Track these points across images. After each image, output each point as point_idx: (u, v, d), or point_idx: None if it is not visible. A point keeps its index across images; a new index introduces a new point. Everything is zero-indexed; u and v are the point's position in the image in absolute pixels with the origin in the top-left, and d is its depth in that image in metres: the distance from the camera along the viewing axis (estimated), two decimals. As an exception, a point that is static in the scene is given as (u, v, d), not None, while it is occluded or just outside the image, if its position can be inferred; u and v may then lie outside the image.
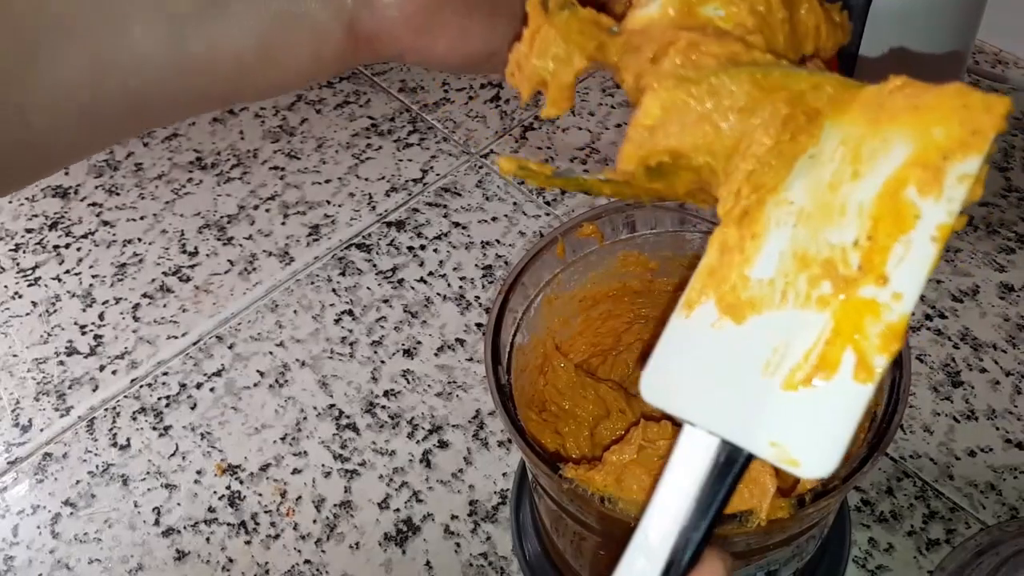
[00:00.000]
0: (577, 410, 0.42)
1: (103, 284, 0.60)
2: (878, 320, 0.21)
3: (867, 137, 0.23)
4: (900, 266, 0.21)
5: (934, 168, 0.21)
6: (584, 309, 0.42)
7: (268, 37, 0.26)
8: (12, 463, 0.51)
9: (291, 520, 0.48)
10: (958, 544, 0.44)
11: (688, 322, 0.24)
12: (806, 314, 0.22)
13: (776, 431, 0.22)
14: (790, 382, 0.22)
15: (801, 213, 0.23)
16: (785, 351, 0.22)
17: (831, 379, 0.21)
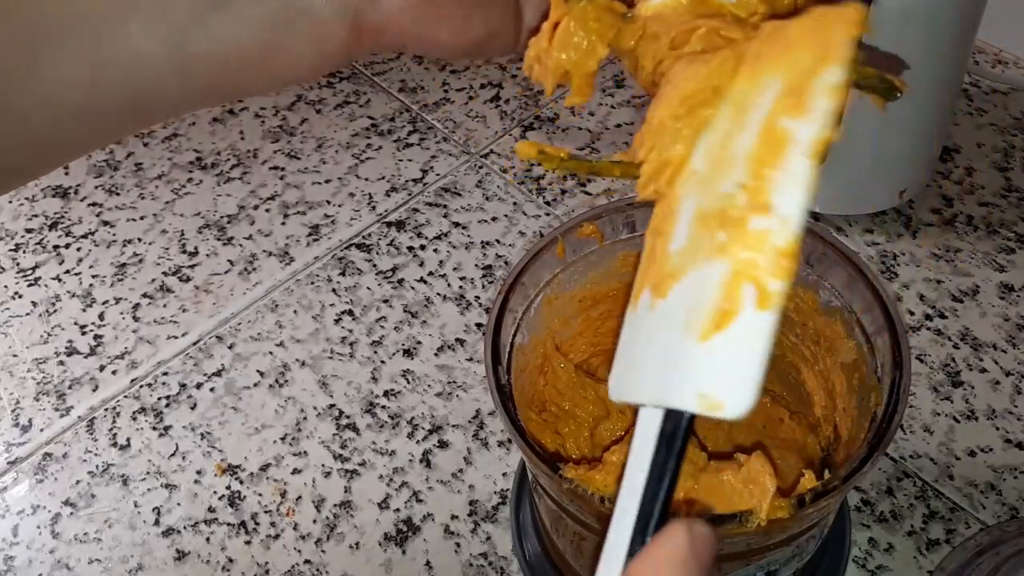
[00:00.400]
0: (577, 410, 0.42)
1: (103, 284, 0.60)
2: (767, 246, 0.22)
3: (748, 89, 0.23)
4: (780, 189, 0.22)
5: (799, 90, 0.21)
6: (584, 309, 0.42)
7: (270, 34, 0.26)
8: (12, 463, 0.51)
9: (291, 520, 0.48)
10: (958, 544, 0.44)
11: (634, 315, 0.25)
12: (711, 266, 0.23)
13: (700, 382, 0.22)
14: (704, 333, 0.22)
15: (702, 178, 0.24)
16: (698, 306, 0.23)
17: (737, 316, 0.22)
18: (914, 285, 0.55)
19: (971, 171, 0.61)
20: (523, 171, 0.64)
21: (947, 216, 0.58)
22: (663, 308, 0.24)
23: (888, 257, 0.56)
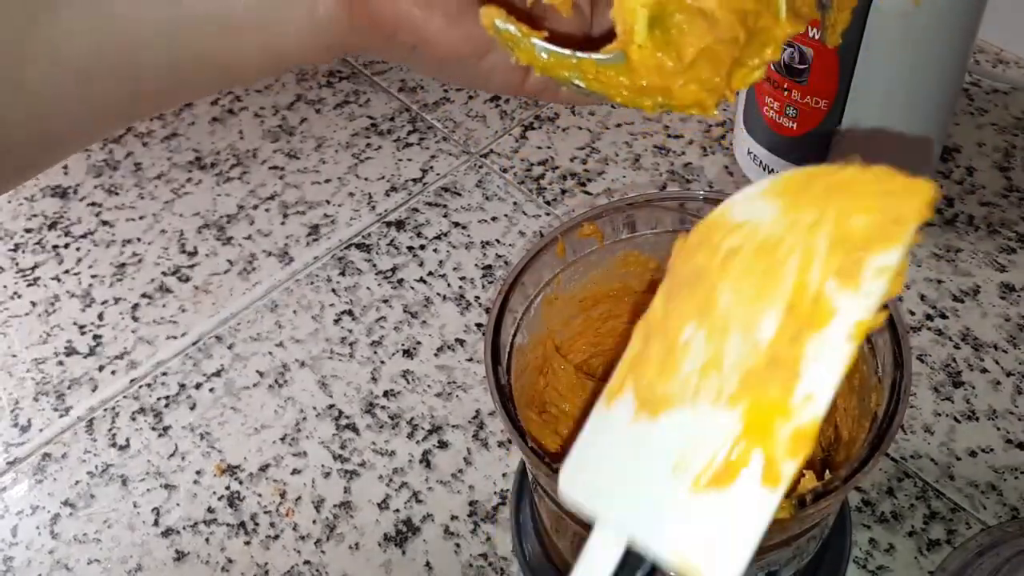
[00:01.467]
0: (578, 412, 0.42)
1: (102, 284, 0.60)
2: (788, 422, 0.20)
3: (787, 222, 0.21)
4: (813, 365, 0.20)
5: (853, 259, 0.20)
6: (584, 309, 0.42)
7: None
8: (11, 463, 0.51)
9: (290, 520, 0.48)
10: (959, 544, 0.44)
11: (607, 414, 0.23)
12: (717, 412, 0.21)
13: (681, 539, 0.21)
14: (697, 484, 0.21)
15: (725, 309, 0.22)
16: (695, 450, 0.21)
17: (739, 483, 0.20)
18: (915, 285, 0.55)
19: (972, 171, 0.61)
20: (523, 171, 0.64)
21: (948, 216, 0.58)
22: (650, 431, 0.22)
23: (889, 257, 0.56)
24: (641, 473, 0.22)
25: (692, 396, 0.22)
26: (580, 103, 0.32)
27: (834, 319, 0.20)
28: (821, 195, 0.21)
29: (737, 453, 0.20)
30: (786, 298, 0.21)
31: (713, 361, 0.22)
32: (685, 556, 0.20)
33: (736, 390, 0.21)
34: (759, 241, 0.22)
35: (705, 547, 0.20)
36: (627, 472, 0.22)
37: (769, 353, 0.21)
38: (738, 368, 0.21)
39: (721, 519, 0.20)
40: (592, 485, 0.23)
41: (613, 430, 0.23)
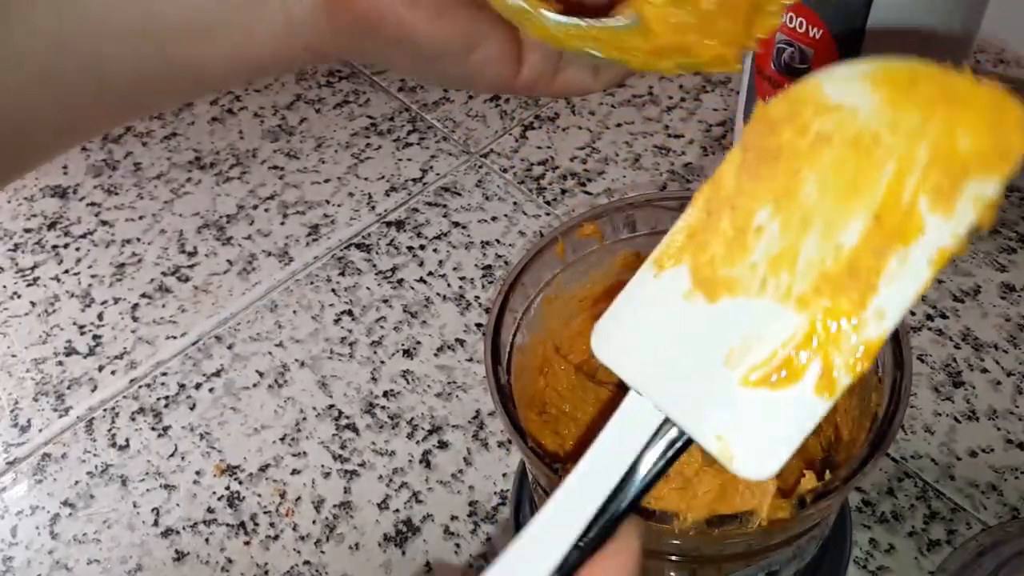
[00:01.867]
0: (578, 413, 0.42)
1: (102, 284, 0.60)
2: (855, 334, 0.20)
3: (888, 120, 0.20)
4: (891, 282, 0.20)
5: (951, 180, 0.19)
6: (584, 309, 0.42)
7: None
8: (11, 464, 0.51)
9: (290, 521, 0.48)
10: (959, 545, 0.44)
11: (656, 282, 0.22)
12: (783, 310, 0.20)
13: (724, 424, 0.21)
14: (748, 379, 0.21)
15: (810, 203, 0.21)
16: (752, 344, 0.21)
17: (792, 386, 0.20)
18: (915, 285, 0.55)
19: (972, 171, 0.61)
20: (523, 171, 0.64)
21: (948, 216, 0.58)
22: (704, 312, 0.22)
23: (889, 257, 0.56)
24: (689, 354, 0.22)
25: (758, 287, 0.21)
26: (576, 93, 0.30)
27: (921, 238, 0.19)
28: (928, 100, 0.20)
29: (798, 356, 0.20)
30: (876, 204, 0.20)
31: (787, 254, 0.21)
32: (726, 444, 0.20)
33: (808, 291, 0.20)
34: (855, 132, 0.20)
35: (747, 440, 0.20)
36: (673, 349, 0.22)
37: (850, 260, 0.20)
38: (813, 268, 0.20)
39: (768, 416, 0.20)
40: (631, 352, 0.22)
41: (661, 302, 0.22)
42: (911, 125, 0.20)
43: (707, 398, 0.21)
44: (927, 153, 0.19)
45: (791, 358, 0.20)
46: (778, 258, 0.21)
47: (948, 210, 0.19)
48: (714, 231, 0.22)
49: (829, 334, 0.20)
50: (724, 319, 0.21)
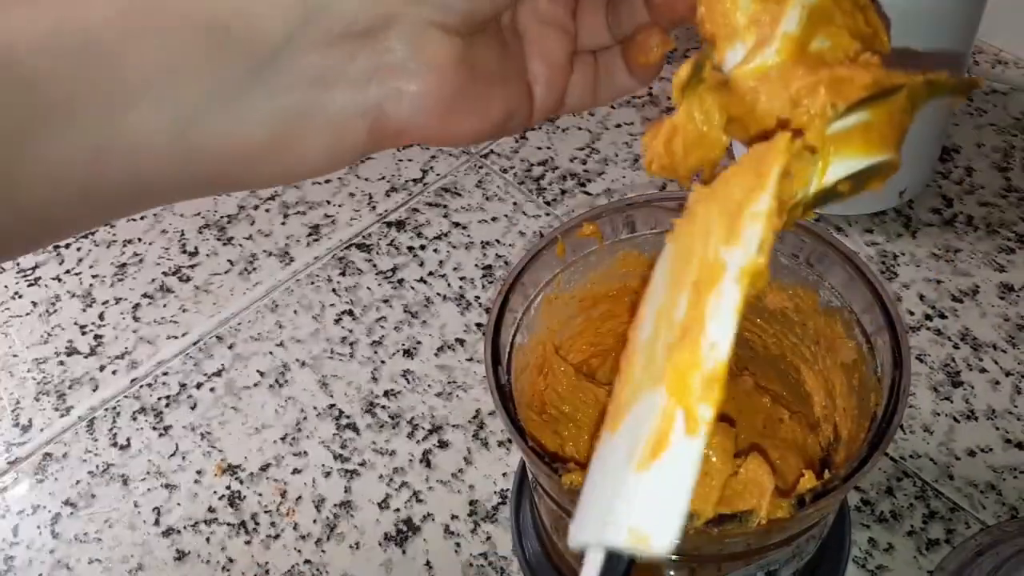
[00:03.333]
0: (577, 414, 0.42)
1: (103, 284, 0.60)
2: (699, 371, 0.21)
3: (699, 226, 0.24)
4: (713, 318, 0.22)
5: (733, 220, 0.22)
6: (584, 309, 0.42)
7: (282, 128, 0.25)
8: (12, 463, 0.51)
9: (291, 520, 0.48)
10: (958, 544, 0.44)
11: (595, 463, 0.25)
12: (652, 396, 0.23)
13: (632, 515, 0.21)
14: (642, 463, 0.22)
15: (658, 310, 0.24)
16: (639, 437, 0.22)
17: (669, 444, 0.21)
18: (914, 285, 0.55)
19: (971, 171, 0.61)
20: (523, 171, 0.64)
21: (947, 216, 0.58)
22: (614, 443, 0.24)
23: (888, 257, 0.56)
24: (611, 483, 0.23)
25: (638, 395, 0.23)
26: (579, 110, 0.32)
27: (724, 273, 0.22)
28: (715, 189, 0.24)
29: (664, 419, 0.22)
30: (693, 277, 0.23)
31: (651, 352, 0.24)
32: (635, 531, 0.21)
33: (662, 368, 0.22)
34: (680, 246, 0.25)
35: (648, 514, 0.21)
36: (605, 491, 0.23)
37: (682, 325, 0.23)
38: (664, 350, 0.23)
39: (659, 484, 0.22)
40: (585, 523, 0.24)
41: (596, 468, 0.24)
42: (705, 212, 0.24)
43: (620, 504, 0.22)
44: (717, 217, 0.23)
45: (661, 425, 0.22)
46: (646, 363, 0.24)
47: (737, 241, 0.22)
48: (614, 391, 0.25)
49: (680, 387, 0.22)
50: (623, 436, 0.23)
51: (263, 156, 0.25)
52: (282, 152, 0.26)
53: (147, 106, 0.23)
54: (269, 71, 0.24)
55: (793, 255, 0.38)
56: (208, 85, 0.24)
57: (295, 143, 0.26)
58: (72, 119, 0.23)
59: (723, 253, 0.22)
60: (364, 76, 0.25)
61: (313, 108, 0.25)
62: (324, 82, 0.25)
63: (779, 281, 0.40)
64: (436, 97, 0.26)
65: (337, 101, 0.25)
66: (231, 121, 0.24)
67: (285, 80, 0.24)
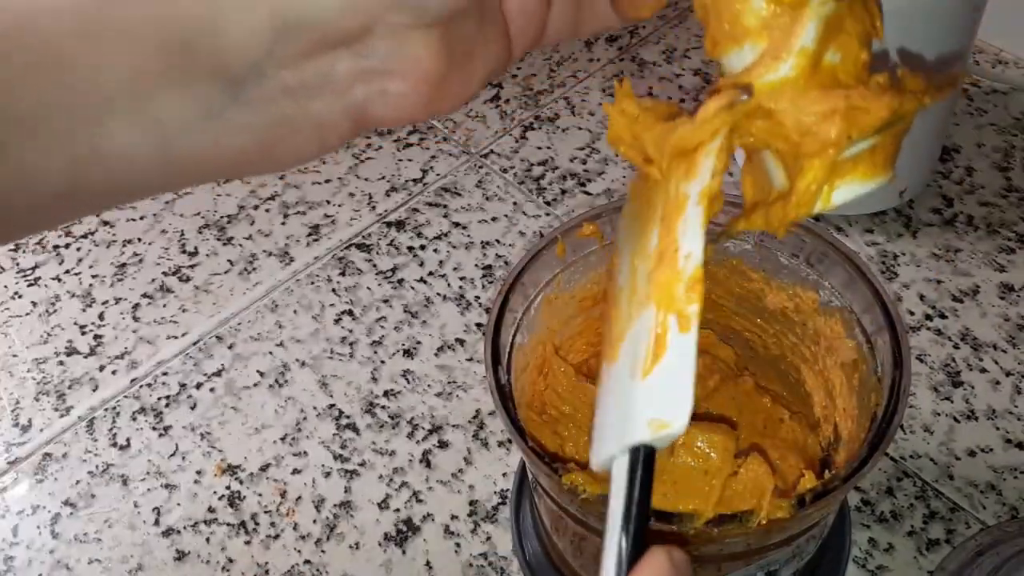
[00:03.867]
0: (577, 415, 0.42)
1: (103, 284, 0.60)
2: (680, 280, 0.25)
3: (665, 182, 0.27)
4: (684, 235, 0.25)
5: (687, 159, 0.26)
6: (584, 309, 0.42)
7: (267, 138, 0.25)
8: (12, 463, 0.51)
9: (291, 520, 0.48)
10: (958, 544, 0.44)
11: (602, 393, 0.28)
12: (643, 317, 0.26)
13: (648, 411, 0.25)
14: (646, 370, 0.25)
15: (632, 255, 0.28)
16: (638, 353, 0.26)
17: (667, 344, 0.25)
18: (914, 285, 0.55)
19: (971, 171, 0.61)
20: (523, 171, 0.64)
21: (947, 216, 0.58)
22: (616, 370, 0.27)
23: (888, 257, 0.56)
24: (619, 400, 0.26)
25: (629, 322, 0.27)
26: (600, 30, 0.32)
27: (688, 200, 0.25)
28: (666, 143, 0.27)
29: (658, 328, 0.25)
30: (659, 215, 0.26)
31: (632, 287, 0.27)
32: (654, 422, 0.24)
33: (648, 291, 0.26)
34: (639, 201, 0.29)
35: (663, 404, 0.25)
36: (615, 410, 0.27)
37: (657, 252, 0.26)
38: (645, 277, 0.26)
39: (665, 377, 0.25)
40: (601, 444, 0.27)
41: (602, 399, 0.28)
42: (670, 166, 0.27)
43: (634, 410, 0.25)
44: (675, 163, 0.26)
45: (658, 333, 0.25)
46: (630, 295, 0.27)
47: (695, 174, 0.25)
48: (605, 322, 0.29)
49: (667, 297, 0.25)
50: (624, 360, 0.27)
51: (249, 159, 0.25)
52: (268, 153, 0.26)
53: (121, 121, 0.23)
54: (248, 86, 0.24)
55: (793, 255, 0.38)
56: (184, 101, 0.23)
57: (280, 145, 0.26)
58: (42, 130, 0.22)
59: (684, 187, 0.26)
60: (347, 80, 0.25)
61: (297, 115, 0.25)
62: (307, 90, 0.25)
63: (779, 281, 0.40)
64: (420, 91, 0.26)
65: (321, 106, 0.25)
66: (213, 134, 0.24)
67: (266, 93, 0.24)
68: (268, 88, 0.24)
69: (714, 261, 0.41)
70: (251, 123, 0.25)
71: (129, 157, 0.24)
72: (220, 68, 0.23)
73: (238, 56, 0.23)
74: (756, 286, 0.41)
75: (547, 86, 0.70)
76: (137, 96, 0.23)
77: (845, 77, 0.25)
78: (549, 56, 0.73)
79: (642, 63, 0.71)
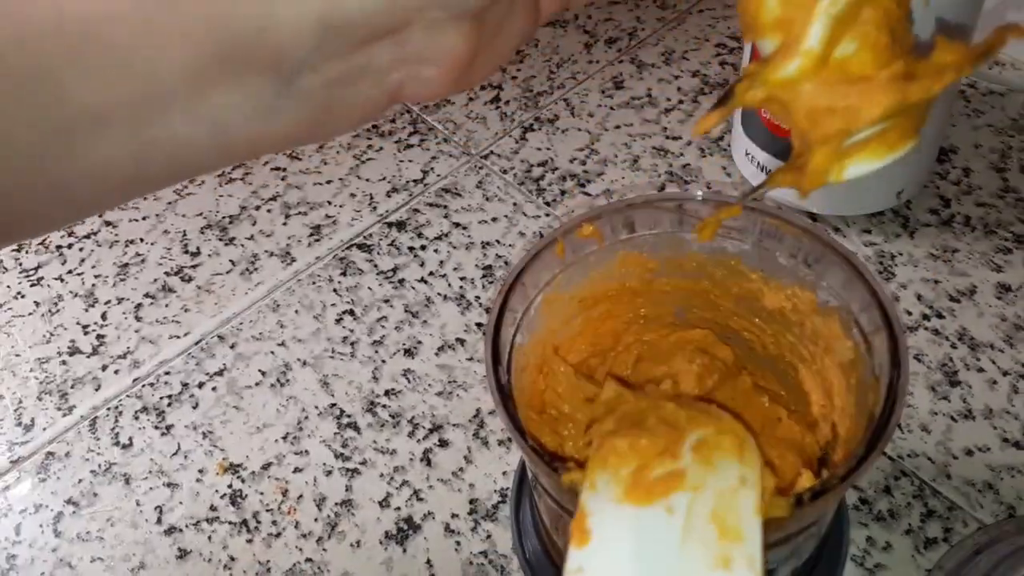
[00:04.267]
0: (577, 415, 0.43)
1: (105, 284, 0.60)
2: None
3: None
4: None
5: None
6: (584, 309, 0.42)
7: (311, 121, 0.27)
8: (15, 462, 0.51)
9: (292, 519, 0.48)
10: (956, 543, 0.44)
11: None
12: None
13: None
14: None
15: None
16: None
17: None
18: (911, 285, 0.55)
19: (968, 172, 0.61)
20: (523, 172, 0.64)
21: (944, 216, 0.58)
22: None
23: (886, 257, 0.56)
24: None
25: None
26: None
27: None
28: None
29: None
30: None
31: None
32: None
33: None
34: None
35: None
36: None
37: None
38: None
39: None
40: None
41: None
42: None
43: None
44: None
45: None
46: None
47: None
48: None
49: None
50: None
51: (296, 138, 0.27)
52: (313, 132, 0.28)
53: (180, 114, 0.25)
54: (298, 79, 0.25)
55: (791, 255, 0.39)
56: (238, 95, 0.25)
57: (324, 125, 0.27)
58: (109, 123, 0.24)
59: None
60: (386, 69, 0.27)
61: (340, 100, 0.27)
62: (350, 79, 0.26)
63: (778, 281, 0.40)
64: (451, 74, 0.28)
65: (362, 90, 0.27)
66: (264, 122, 0.26)
67: (313, 84, 0.26)
68: (315, 80, 0.26)
69: (712, 261, 0.41)
70: (298, 110, 0.26)
71: (188, 145, 0.25)
72: (272, 65, 0.25)
73: (289, 53, 0.25)
74: (754, 286, 0.41)
75: (547, 87, 0.70)
76: (194, 92, 0.24)
77: (860, 67, 0.26)
78: (549, 58, 0.73)
79: (641, 65, 0.72)
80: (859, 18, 0.25)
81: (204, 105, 0.25)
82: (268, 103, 0.25)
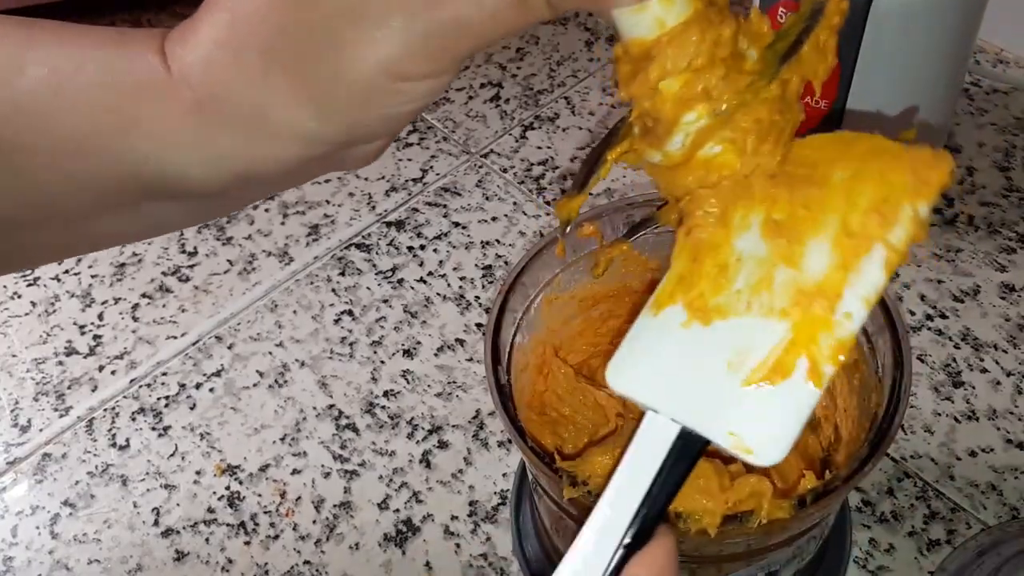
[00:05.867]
0: (577, 416, 0.42)
1: (102, 284, 0.60)
2: (830, 334, 0.24)
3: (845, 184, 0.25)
4: (852, 289, 0.24)
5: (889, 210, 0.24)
6: (584, 309, 0.42)
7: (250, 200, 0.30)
8: (11, 463, 0.51)
9: (290, 520, 0.48)
10: (959, 544, 0.44)
11: (656, 320, 0.26)
12: (768, 322, 0.25)
13: (735, 422, 0.24)
14: (750, 379, 0.24)
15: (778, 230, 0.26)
16: (748, 353, 0.25)
17: (786, 379, 0.24)
18: (915, 285, 0.55)
19: (972, 171, 0.61)
20: (523, 171, 0.64)
21: (948, 216, 0.58)
22: (702, 334, 0.26)
23: (889, 257, 0.56)
24: (694, 369, 0.25)
25: (744, 308, 0.25)
26: None
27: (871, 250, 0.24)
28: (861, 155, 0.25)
29: (787, 355, 0.24)
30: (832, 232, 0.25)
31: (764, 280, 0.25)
32: (740, 438, 0.24)
33: (787, 305, 0.25)
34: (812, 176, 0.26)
35: (757, 431, 0.24)
36: (679, 368, 0.26)
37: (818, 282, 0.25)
38: (788, 287, 0.25)
39: (771, 408, 0.24)
40: (642, 379, 0.26)
41: (663, 333, 0.26)
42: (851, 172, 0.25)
43: (716, 403, 0.25)
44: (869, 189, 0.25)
45: (782, 357, 0.24)
46: (757, 284, 0.25)
47: (890, 227, 0.24)
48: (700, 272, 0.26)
49: (810, 336, 0.24)
50: (720, 337, 0.25)
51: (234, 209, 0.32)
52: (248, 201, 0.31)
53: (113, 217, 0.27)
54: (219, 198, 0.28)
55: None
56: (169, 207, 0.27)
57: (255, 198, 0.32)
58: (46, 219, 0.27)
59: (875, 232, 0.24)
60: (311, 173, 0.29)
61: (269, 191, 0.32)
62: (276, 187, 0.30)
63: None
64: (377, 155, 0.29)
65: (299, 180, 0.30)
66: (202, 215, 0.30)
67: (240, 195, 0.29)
68: (244, 193, 0.29)
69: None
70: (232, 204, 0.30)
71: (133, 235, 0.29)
72: (194, 196, 0.27)
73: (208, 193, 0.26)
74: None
75: (547, 85, 0.70)
76: (117, 206, 0.27)
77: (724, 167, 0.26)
78: (549, 55, 0.73)
79: (642, 63, 0.71)
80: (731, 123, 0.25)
81: (138, 212, 0.27)
82: (201, 206, 0.28)
